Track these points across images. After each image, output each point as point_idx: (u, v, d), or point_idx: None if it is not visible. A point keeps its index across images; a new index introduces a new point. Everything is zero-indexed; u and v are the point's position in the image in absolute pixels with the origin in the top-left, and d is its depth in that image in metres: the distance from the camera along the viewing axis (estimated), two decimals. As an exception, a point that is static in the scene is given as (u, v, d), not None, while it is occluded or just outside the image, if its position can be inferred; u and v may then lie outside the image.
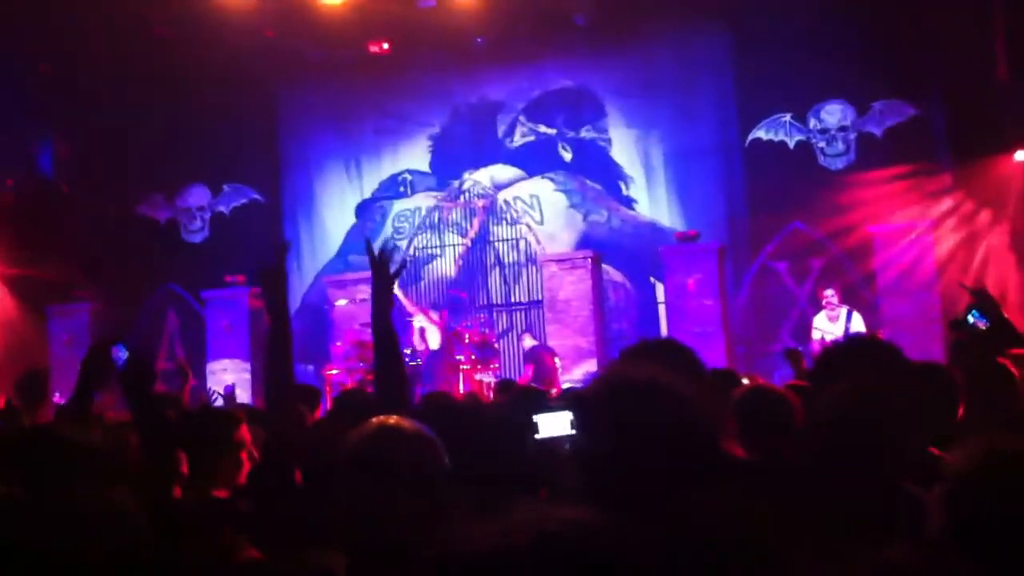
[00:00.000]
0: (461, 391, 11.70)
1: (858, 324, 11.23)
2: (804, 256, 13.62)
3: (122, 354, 3.93)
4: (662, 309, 14.07)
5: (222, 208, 16.19)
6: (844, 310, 11.44)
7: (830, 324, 11.32)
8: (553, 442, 2.91)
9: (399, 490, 2.30)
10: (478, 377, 12.59)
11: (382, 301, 3.71)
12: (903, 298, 12.47)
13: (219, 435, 3.77)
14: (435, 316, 12.53)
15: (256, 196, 16.13)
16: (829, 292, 11.61)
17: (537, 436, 2.96)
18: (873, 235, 13.01)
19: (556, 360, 12.30)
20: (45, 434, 3.48)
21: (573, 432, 2.89)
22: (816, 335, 11.33)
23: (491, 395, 10.63)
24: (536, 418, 2.96)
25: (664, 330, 13.63)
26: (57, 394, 12.39)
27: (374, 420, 2.46)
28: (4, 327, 14.20)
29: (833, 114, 14.05)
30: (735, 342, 13.32)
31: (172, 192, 16.20)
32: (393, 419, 2.46)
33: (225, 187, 16.17)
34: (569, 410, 2.57)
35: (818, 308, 11.90)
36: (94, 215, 14.91)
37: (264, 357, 3.95)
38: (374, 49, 15.12)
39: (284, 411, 3.78)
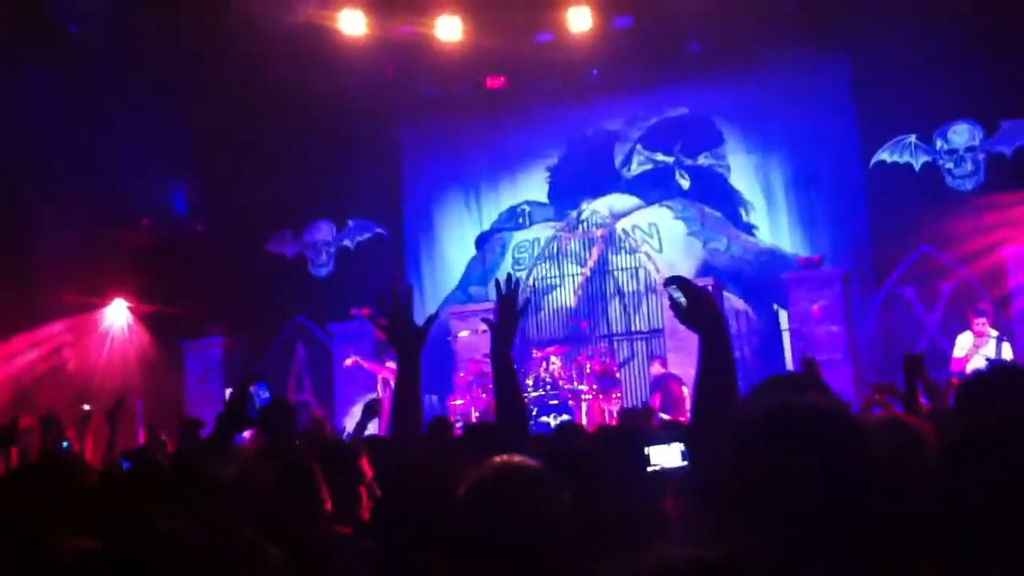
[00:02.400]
0: (583, 421, 11.74)
1: (1007, 353, 10.58)
2: (933, 281, 13.23)
3: (263, 392, 4.09)
4: (786, 336, 13.85)
5: (347, 242, 16.59)
6: (994, 338, 10.79)
7: (976, 350, 10.63)
8: (664, 474, 2.91)
9: (520, 531, 2.34)
10: (602, 407, 12.59)
11: (505, 335, 3.77)
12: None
13: (344, 468, 3.88)
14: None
15: (379, 230, 16.49)
16: (980, 320, 10.98)
17: (649, 468, 2.97)
18: (1006, 258, 12.57)
19: (684, 389, 12.19)
20: (188, 467, 3.64)
21: (684, 464, 2.91)
22: (959, 352, 10.75)
23: (615, 423, 10.63)
24: (648, 450, 2.96)
25: (788, 358, 13.42)
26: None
27: (497, 460, 2.49)
28: (141, 362, 14.80)
29: (960, 134, 13.66)
30: (862, 370, 13.02)
31: (299, 228, 16.67)
32: (516, 459, 2.50)
33: (349, 222, 16.57)
34: (713, 437, 2.36)
35: (949, 335, 11.51)
36: (225, 253, 15.46)
37: (394, 390, 4.04)
38: (492, 83, 15.36)
39: (414, 443, 3.86)
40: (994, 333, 10.87)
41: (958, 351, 10.82)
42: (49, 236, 13.12)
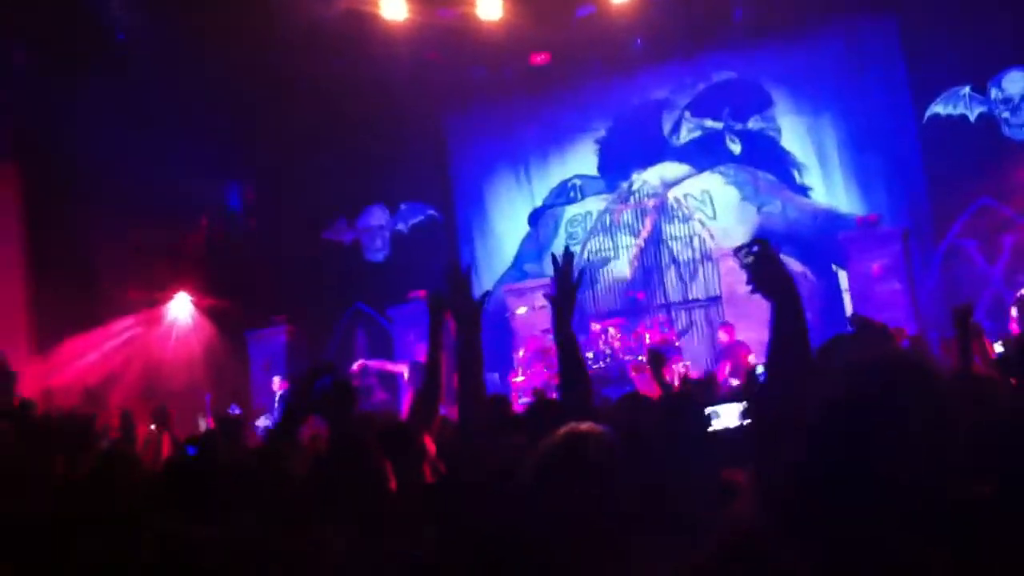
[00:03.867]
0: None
1: None
2: (995, 233, 13.01)
3: (326, 381, 4.18)
4: (847, 297, 13.72)
5: (401, 226, 16.72)
6: None
7: None
8: (727, 433, 2.94)
9: (592, 494, 2.38)
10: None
11: (564, 309, 3.80)
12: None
13: (406, 447, 3.94)
14: None
15: (432, 212, 16.59)
16: None
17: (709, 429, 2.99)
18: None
19: (751, 357, 12.11)
20: (246, 470, 3.70)
21: (743, 423, 2.93)
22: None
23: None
24: (708, 411, 2.98)
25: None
26: (262, 418, 13.20)
27: (566, 427, 2.51)
28: (207, 354, 15.08)
29: (1016, 82, 13.39)
30: (926, 326, 12.86)
31: (353, 215, 16.82)
32: (584, 425, 2.53)
33: (402, 206, 16.69)
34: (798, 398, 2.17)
35: (1013, 286, 11.32)
36: (282, 244, 15.66)
37: (457, 369, 4.09)
38: (535, 60, 15.35)
39: (478, 421, 3.92)
40: None
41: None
42: (112, 237, 13.40)
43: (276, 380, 13.36)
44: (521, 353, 13.86)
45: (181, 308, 15.09)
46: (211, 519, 2.98)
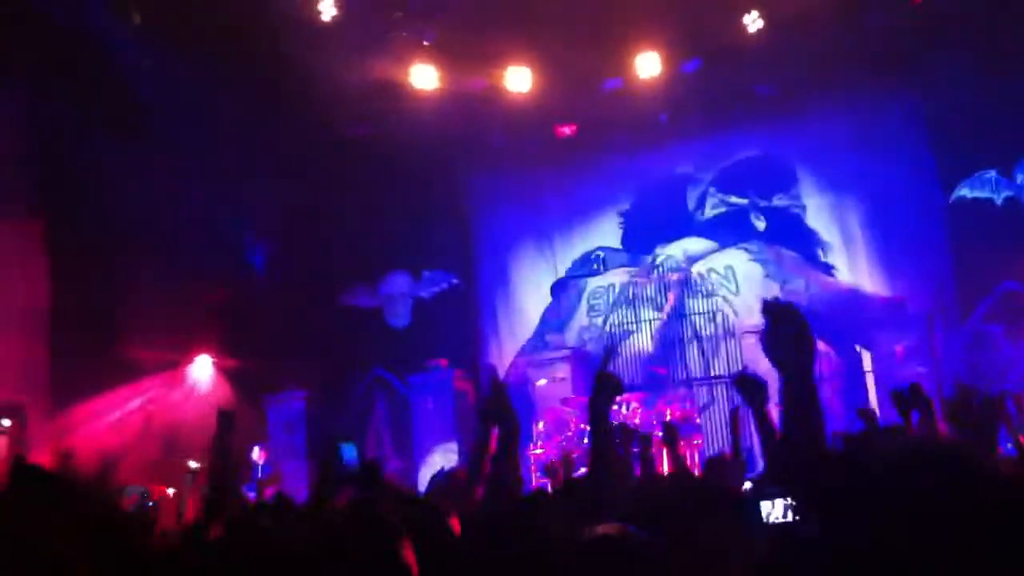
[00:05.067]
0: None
1: None
2: (1020, 317, 12.92)
3: (350, 452, 4.16)
4: (869, 378, 13.60)
5: (423, 294, 16.74)
6: None
7: None
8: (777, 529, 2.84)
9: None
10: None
11: (602, 404, 3.79)
12: None
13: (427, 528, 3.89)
14: None
15: (454, 280, 16.63)
16: None
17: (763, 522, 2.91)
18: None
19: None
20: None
21: (793, 519, 2.83)
22: None
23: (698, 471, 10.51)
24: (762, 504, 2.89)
25: (873, 399, 13.17)
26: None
27: (601, 529, 2.54)
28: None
29: (1043, 168, 13.40)
30: (951, 410, 12.68)
31: (375, 281, 16.87)
32: (615, 528, 2.55)
33: (424, 273, 16.73)
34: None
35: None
36: (303, 307, 15.67)
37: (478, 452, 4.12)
38: (561, 132, 15.48)
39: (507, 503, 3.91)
40: None
41: None
42: (135, 295, 13.45)
43: (256, 450, 13.17)
44: (541, 425, 13.77)
45: (202, 370, 15.09)
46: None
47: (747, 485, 5.63)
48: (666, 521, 2.78)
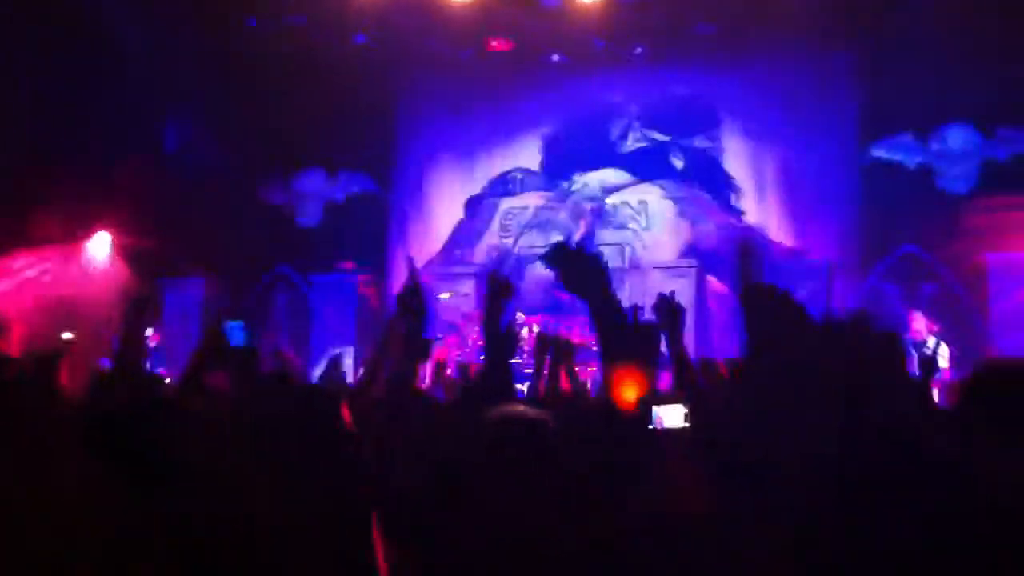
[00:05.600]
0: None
1: (943, 355, 10.44)
2: (916, 281, 13.29)
3: (236, 333, 4.09)
4: (765, 324, 13.86)
5: (336, 194, 16.51)
6: (932, 341, 10.77)
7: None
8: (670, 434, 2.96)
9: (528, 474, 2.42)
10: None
11: (493, 306, 3.78)
12: (1020, 332, 12.06)
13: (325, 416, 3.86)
14: None
15: (370, 184, 16.41)
16: (918, 318, 11.12)
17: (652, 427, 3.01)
18: (989, 264, 12.65)
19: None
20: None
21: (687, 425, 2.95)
22: None
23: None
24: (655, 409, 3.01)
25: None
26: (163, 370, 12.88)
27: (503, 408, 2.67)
28: (118, 295, 14.67)
29: (957, 137, 13.70)
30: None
31: (288, 176, 16.56)
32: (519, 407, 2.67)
33: (340, 174, 16.48)
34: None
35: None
36: (213, 194, 15.32)
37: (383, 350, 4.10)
38: (494, 46, 15.28)
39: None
40: (932, 338, 10.90)
41: None
42: (43, 168, 13.02)
43: (148, 331, 12.85)
44: (439, 336, 13.77)
45: (100, 246, 14.70)
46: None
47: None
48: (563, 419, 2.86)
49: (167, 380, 7.15)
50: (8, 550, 2.29)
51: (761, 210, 14.71)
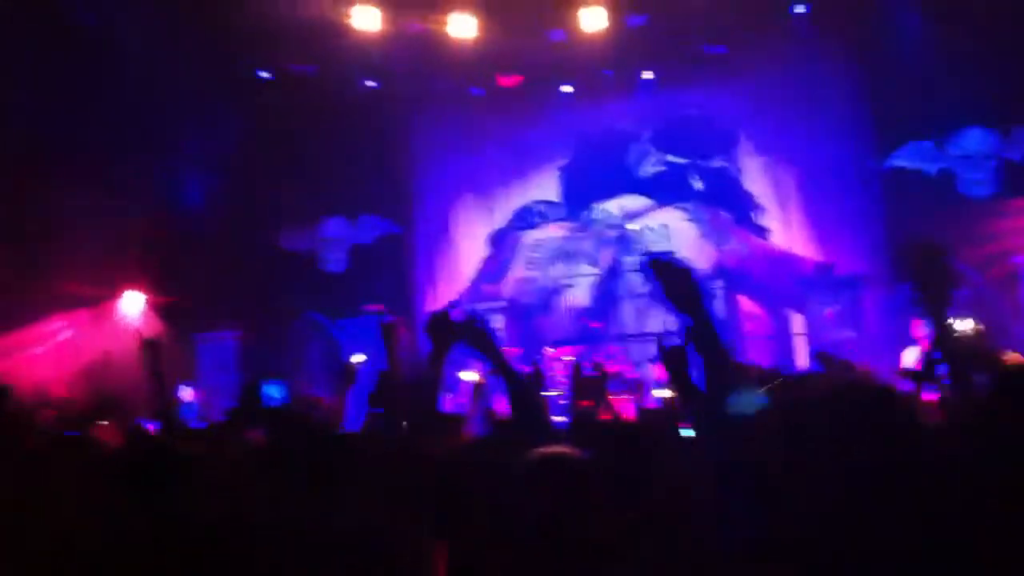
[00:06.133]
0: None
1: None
2: (945, 287, 13.18)
3: (273, 391, 4.14)
4: (799, 341, 13.83)
5: (359, 239, 16.59)
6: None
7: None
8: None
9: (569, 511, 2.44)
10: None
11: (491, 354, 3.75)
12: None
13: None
14: None
15: (392, 227, 16.50)
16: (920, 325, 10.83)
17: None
18: (1019, 265, 12.58)
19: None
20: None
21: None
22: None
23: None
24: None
25: (802, 362, 13.43)
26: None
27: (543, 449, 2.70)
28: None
29: (975, 140, 13.67)
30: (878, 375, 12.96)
31: (313, 224, 16.66)
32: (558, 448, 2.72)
33: (362, 218, 16.57)
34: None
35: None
36: (239, 247, 15.43)
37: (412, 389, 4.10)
38: (504, 82, 15.38)
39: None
40: None
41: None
42: (68, 231, 13.12)
43: (187, 389, 12.91)
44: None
45: (132, 305, 14.78)
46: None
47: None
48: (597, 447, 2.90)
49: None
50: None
51: (784, 227, 14.67)
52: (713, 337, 2.75)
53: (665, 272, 2.75)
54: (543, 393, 6.38)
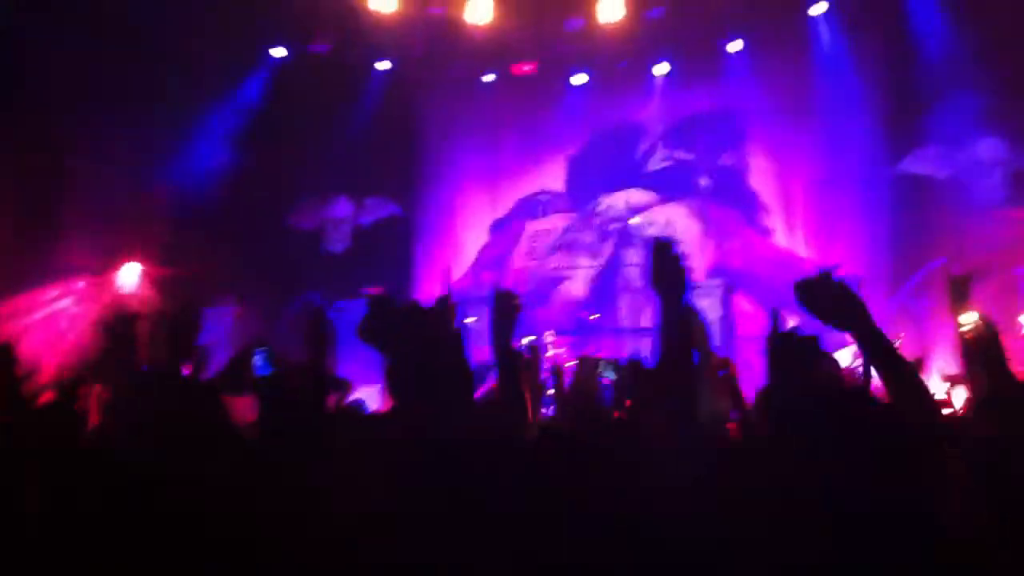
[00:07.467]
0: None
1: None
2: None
3: (261, 362, 4.07)
4: (796, 341, 13.72)
5: (363, 220, 16.55)
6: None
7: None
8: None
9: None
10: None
11: (501, 325, 3.66)
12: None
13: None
14: None
15: (396, 210, 16.45)
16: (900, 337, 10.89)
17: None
18: (1020, 277, 12.48)
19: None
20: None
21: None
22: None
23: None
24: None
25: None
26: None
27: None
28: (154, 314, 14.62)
29: (987, 149, 13.55)
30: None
31: (317, 204, 16.62)
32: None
33: (367, 200, 16.52)
34: None
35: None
36: (242, 223, 15.39)
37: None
38: (518, 70, 15.32)
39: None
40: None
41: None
42: (68, 196, 13.13)
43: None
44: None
45: (130, 276, 14.77)
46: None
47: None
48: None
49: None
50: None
51: (790, 227, 14.59)
52: (687, 327, 2.79)
53: (660, 256, 2.74)
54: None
